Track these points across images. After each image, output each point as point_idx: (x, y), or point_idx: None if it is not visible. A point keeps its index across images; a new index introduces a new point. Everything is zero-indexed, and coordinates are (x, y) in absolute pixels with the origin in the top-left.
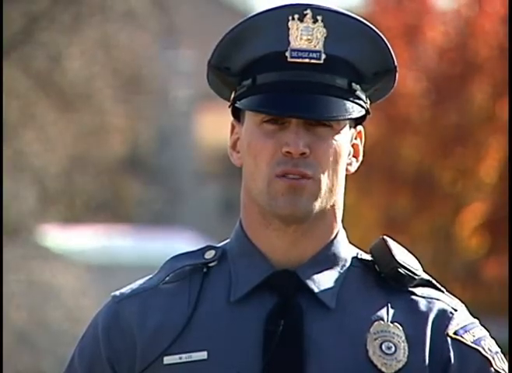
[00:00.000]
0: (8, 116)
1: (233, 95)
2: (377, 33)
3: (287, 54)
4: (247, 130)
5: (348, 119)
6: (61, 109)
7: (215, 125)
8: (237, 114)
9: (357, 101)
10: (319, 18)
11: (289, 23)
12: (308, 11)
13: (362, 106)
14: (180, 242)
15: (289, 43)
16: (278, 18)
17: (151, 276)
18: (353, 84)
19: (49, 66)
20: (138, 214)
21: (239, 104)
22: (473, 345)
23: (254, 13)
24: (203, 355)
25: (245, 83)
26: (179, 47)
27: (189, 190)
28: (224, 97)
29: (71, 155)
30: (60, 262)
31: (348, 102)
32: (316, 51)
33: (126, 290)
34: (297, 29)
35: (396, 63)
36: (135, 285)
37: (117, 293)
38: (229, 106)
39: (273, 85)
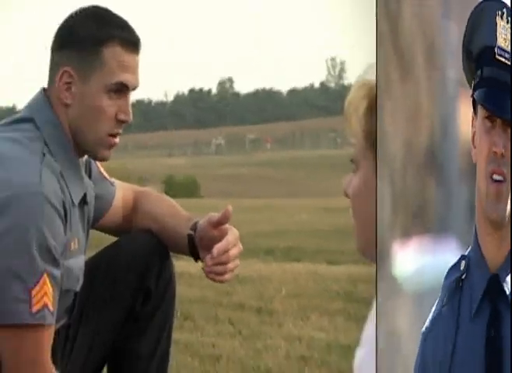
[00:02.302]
0: None
1: (473, 84)
2: None
3: (496, 50)
4: (477, 125)
5: None
6: None
7: None
8: (475, 106)
9: None
10: (509, 19)
11: (497, 19)
12: (504, 10)
13: None
14: None
15: (496, 39)
16: (492, 10)
17: None
18: None
19: None
20: None
21: (475, 95)
22: None
23: None
24: None
25: (478, 73)
26: None
27: None
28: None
29: None
30: None
31: None
32: (509, 52)
33: None
34: (499, 26)
35: None
36: None
37: None
38: (471, 96)
39: (492, 80)
